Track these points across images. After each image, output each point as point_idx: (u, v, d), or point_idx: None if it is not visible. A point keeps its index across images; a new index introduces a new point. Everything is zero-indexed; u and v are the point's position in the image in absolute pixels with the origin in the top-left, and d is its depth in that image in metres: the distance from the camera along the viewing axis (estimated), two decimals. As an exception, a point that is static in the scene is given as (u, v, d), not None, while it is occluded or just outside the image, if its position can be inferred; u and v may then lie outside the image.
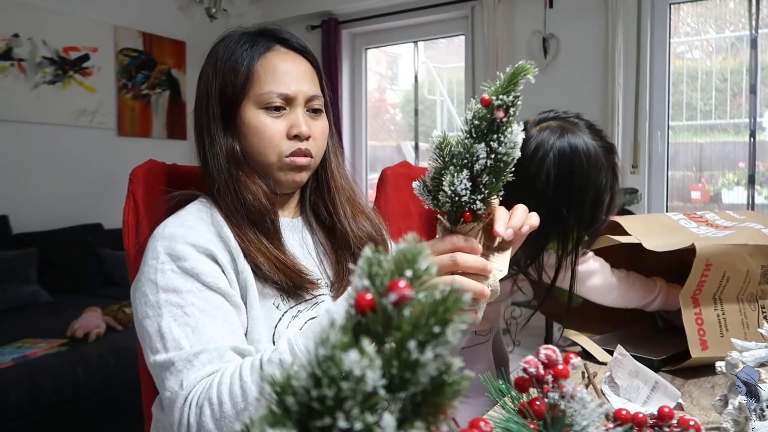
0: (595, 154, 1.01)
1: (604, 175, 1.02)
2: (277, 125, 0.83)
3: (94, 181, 3.62)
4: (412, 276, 0.27)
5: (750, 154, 2.92)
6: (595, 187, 1.01)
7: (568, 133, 1.02)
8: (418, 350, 0.25)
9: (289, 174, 0.85)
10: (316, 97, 0.87)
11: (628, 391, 0.79)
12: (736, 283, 0.99)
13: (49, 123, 3.45)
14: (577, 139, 1.02)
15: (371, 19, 3.95)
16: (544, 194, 1.00)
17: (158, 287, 0.74)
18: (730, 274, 0.98)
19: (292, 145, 0.84)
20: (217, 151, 0.83)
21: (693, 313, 0.97)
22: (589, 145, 1.02)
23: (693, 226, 1.09)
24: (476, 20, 3.51)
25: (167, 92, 4.09)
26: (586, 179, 1.01)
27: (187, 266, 0.75)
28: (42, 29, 3.39)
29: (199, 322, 0.72)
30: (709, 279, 0.96)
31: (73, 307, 2.61)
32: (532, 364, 0.55)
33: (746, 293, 1.02)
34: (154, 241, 0.78)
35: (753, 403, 0.64)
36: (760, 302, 1.04)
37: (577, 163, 1.00)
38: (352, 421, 0.23)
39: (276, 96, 0.83)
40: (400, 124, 4.59)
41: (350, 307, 0.27)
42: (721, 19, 3.09)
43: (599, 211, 1.03)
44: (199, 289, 0.74)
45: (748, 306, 1.02)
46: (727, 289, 0.99)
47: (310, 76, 0.87)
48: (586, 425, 0.51)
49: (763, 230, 1.07)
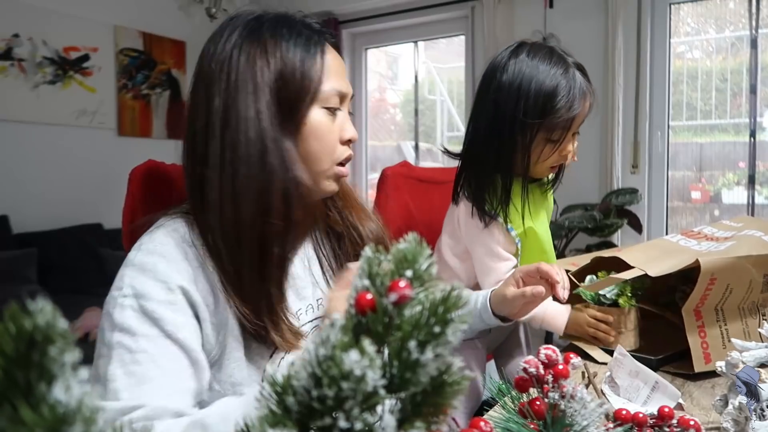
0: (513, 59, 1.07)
1: (547, 71, 1.05)
2: (334, 128, 0.76)
3: (94, 181, 3.62)
4: (412, 276, 0.27)
5: (750, 154, 2.92)
6: (536, 82, 1.04)
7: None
8: (419, 350, 0.25)
9: (332, 184, 0.78)
10: (352, 97, 0.81)
11: (628, 391, 0.79)
12: (738, 293, 0.98)
13: (49, 123, 3.45)
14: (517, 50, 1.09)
15: (371, 19, 3.95)
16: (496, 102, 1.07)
17: (114, 325, 0.65)
18: (733, 286, 0.97)
19: (345, 151, 0.78)
20: (260, 154, 0.70)
21: (696, 327, 0.96)
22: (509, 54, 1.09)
23: (693, 244, 1.08)
24: (476, 20, 3.51)
25: (167, 92, 4.09)
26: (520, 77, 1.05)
27: (148, 307, 0.65)
28: (42, 29, 3.39)
29: (147, 373, 0.63)
30: (713, 292, 0.96)
31: (73, 307, 2.61)
32: (532, 364, 0.55)
33: (748, 302, 1.01)
34: (124, 267, 0.69)
35: (753, 403, 0.64)
36: (761, 310, 1.03)
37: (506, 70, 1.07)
38: (352, 421, 0.23)
39: (336, 94, 0.76)
40: (400, 124, 4.59)
41: (350, 307, 0.27)
42: (721, 19, 3.08)
43: (548, 103, 1.04)
44: (156, 335, 0.65)
45: (749, 315, 1.02)
46: (729, 299, 0.98)
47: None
48: (586, 425, 0.51)
49: (764, 237, 1.07)
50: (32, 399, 0.19)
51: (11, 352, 0.19)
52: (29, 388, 0.19)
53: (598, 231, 2.79)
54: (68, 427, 0.19)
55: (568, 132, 1.07)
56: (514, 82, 1.05)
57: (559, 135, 1.06)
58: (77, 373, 0.20)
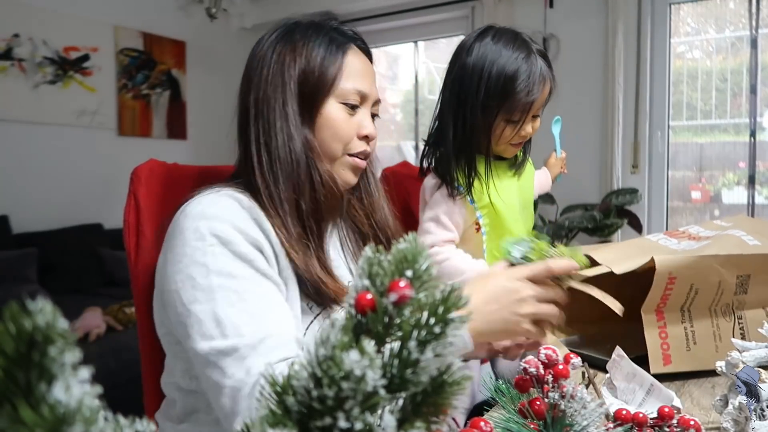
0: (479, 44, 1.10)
1: (508, 55, 1.08)
2: (351, 122, 0.85)
3: (94, 181, 3.62)
4: (412, 276, 0.27)
5: (750, 154, 2.92)
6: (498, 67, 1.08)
7: None
8: (419, 350, 0.25)
9: (348, 173, 0.86)
10: (379, 102, 0.90)
11: (625, 393, 0.79)
12: (707, 294, 0.96)
13: (49, 123, 3.45)
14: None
15: (371, 19, 3.95)
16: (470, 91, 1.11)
17: (209, 270, 0.70)
18: (698, 286, 0.95)
19: (361, 145, 0.86)
20: (286, 139, 0.80)
21: (656, 326, 0.94)
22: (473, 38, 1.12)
23: (673, 243, 1.06)
24: (476, 20, 3.51)
25: (167, 92, 4.09)
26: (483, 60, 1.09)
27: (238, 251, 0.72)
28: (42, 29, 3.39)
29: (258, 308, 0.69)
30: (674, 292, 0.94)
31: (73, 307, 2.61)
32: (532, 364, 0.55)
33: (720, 304, 0.99)
34: (192, 220, 0.73)
35: (753, 403, 0.64)
36: (737, 313, 1.00)
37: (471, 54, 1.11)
38: (352, 421, 0.23)
39: (355, 93, 0.84)
40: (400, 124, 4.59)
41: (350, 307, 0.27)
42: (721, 19, 3.08)
43: (508, 86, 1.07)
44: (252, 275, 0.72)
45: (723, 318, 0.99)
46: (696, 301, 0.96)
47: (376, 81, 0.90)
48: (586, 425, 0.51)
49: (744, 237, 1.04)
50: (32, 399, 0.19)
51: (11, 352, 0.19)
52: (29, 388, 0.19)
53: (598, 231, 2.79)
54: (68, 427, 0.19)
55: (527, 114, 1.10)
56: (477, 64, 1.09)
57: (518, 117, 1.10)
58: (77, 373, 0.20)
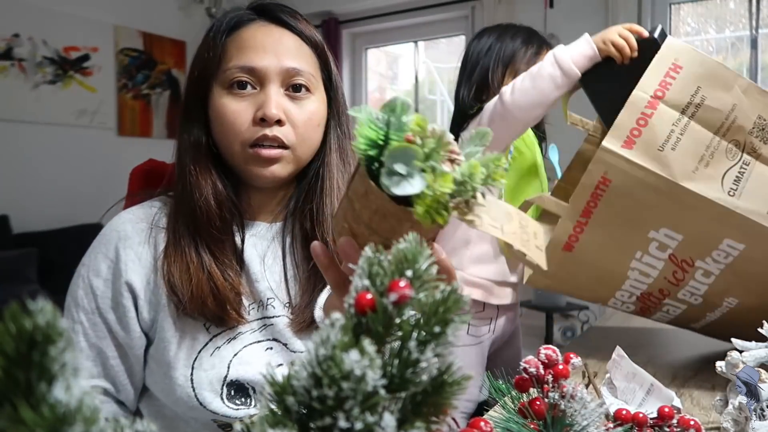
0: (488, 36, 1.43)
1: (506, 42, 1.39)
2: (241, 107, 0.68)
3: (94, 181, 3.62)
4: (412, 276, 0.27)
5: (750, 154, 2.92)
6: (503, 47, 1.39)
7: None
8: (419, 350, 0.25)
9: (256, 168, 0.69)
10: (298, 71, 0.69)
11: (625, 393, 0.79)
12: (713, 109, 0.85)
13: (49, 123, 3.45)
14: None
15: (371, 18, 3.95)
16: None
17: (69, 292, 0.74)
18: (705, 93, 0.84)
19: (256, 131, 0.68)
20: (181, 144, 0.73)
21: (647, 101, 0.84)
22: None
23: None
24: (476, 20, 3.51)
25: (167, 92, 4.09)
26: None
27: (91, 279, 0.72)
28: (42, 29, 3.39)
29: (78, 345, 0.70)
30: (679, 76, 0.84)
31: (73, 307, 2.61)
32: (532, 364, 0.55)
33: (729, 134, 0.86)
34: (91, 247, 0.76)
35: (753, 403, 0.64)
36: (744, 157, 0.87)
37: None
38: (352, 421, 0.23)
39: (238, 70, 0.68)
40: (400, 124, 4.58)
41: (350, 306, 0.27)
42: (721, 19, 3.08)
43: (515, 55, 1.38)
44: (92, 310, 0.72)
45: (725, 151, 0.86)
46: (701, 110, 0.85)
47: (295, 51, 0.71)
48: (586, 425, 0.51)
49: None
50: (32, 399, 0.19)
51: (11, 352, 0.19)
52: (29, 388, 0.19)
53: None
54: (68, 427, 0.19)
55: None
56: (489, 41, 1.42)
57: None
58: (77, 373, 0.20)
